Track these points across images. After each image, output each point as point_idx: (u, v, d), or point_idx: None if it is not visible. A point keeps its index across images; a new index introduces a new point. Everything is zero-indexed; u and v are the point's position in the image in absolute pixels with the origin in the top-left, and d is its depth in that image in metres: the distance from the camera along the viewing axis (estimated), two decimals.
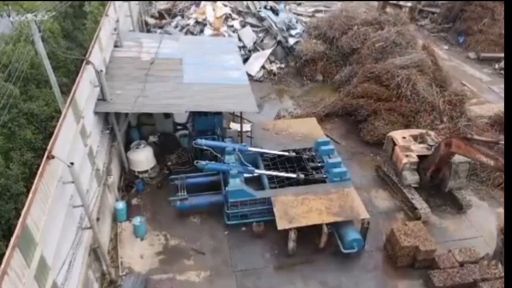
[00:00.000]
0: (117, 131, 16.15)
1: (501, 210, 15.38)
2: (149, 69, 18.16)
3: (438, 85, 20.32)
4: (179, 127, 19.81)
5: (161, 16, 31.27)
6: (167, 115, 18.79)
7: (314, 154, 16.60)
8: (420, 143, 16.54)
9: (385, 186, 17.27)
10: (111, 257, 13.90)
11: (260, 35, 26.49)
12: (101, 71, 14.52)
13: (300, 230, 13.79)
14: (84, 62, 14.03)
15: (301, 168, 16.13)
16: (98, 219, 13.09)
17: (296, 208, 14.12)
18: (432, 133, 17.08)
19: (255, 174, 15.40)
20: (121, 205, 15.20)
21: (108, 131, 15.88)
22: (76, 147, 12.16)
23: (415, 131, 17.32)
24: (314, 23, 26.39)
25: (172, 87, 17.31)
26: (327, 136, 19.46)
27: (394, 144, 16.62)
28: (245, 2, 28.48)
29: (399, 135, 16.91)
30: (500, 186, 16.58)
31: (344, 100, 20.78)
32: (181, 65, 19.07)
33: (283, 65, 25.67)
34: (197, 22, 27.21)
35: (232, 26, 27.19)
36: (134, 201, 16.34)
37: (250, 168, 15.19)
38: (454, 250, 13.63)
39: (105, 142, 15.78)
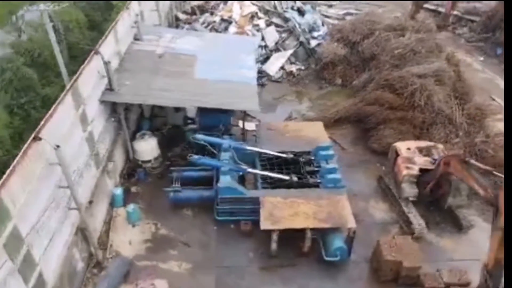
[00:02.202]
0: (123, 121, 16.82)
1: None
2: (161, 63, 18.71)
3: (458, 97, 19.33)
4: (189, 121, 20.24)
5: (193, 11, 31.91)
6: (178, 109, 19.27)
7: (312, 158, 16.39)
8: (425, 155, 15.84)
9: (386, 197, 16.73)
10: (102, 240, 14.57)
11: (283, 35, 26.42)
12: (109, 62, 15.16)
13: (285, 233, 13.71)
14: (93, 52, 14.73)
15: (297, 171, 15.98)
16: (91, 202, 13.82)
17: (283, 211, 14.05)
18: (440, 146, 16.25)
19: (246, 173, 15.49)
20: (118, 191, 15.84)
21: (114, 120, 16.56)
22: (73, 132, 12.86)
23: (423, 143, 16.56)
24: (338, 26, 25.92)
25: (181, 82, 17.72)
26: (335, 141, 19.18)
27: (397, 155, 16.06)
28: (272, 2, 28.52)
29: (403, 146, 16.24)
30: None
31: (357, 106, 20.31)
32: (195, 61, 19.45)
33: (303, 67, 25.45)
34: (222, 20, 27.62)
35: (257, 25, 27.33)
36: (133, 189, 16.92)
37: (243, 166, 15.29)
38: (442, 270, 13.01)
39: (111, 131, 16.48)
